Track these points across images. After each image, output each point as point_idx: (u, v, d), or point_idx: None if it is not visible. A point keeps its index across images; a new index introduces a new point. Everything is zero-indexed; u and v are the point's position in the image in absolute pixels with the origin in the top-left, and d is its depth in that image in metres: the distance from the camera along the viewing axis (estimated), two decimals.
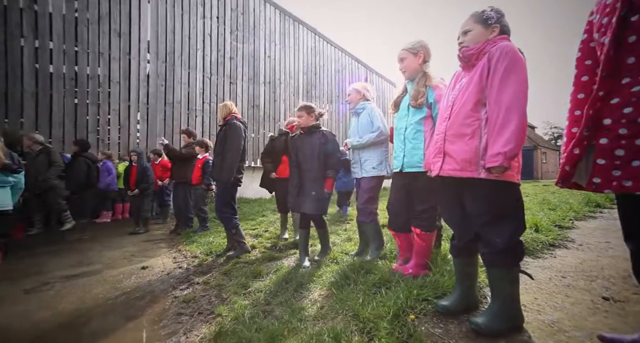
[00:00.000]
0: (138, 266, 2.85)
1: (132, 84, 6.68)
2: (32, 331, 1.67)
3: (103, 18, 6.27)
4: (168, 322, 1.75)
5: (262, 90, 8.85)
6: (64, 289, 2.29)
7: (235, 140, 2.87)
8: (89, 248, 3.57)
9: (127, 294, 2.18)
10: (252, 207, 5.99)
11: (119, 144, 6.62)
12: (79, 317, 1.84)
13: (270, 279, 2.24)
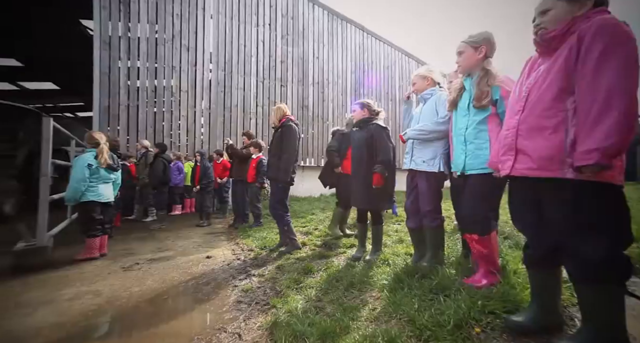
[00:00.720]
0: (203, 255, 3.17)
1: (197, 92, 7.48)
2: (130, 302, 2.00)
3: (175, 36, 7.16)
4: (230, 308, 1.91)
5: (311, 91, 9.05)
6: (149, 270, 2.68)
7: (291, 142, 3.01)
8: (165, 237, 4.11)
9: (196, 279, 2.45)
10: (302, 205, 6.19)
11: (186, 146, 7.48)
12: (161, 294, 2.13)
13: (320, 276, 2.28)
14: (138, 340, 1.54)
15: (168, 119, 7.15)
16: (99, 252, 3.05)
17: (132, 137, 6.71)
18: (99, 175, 3.08)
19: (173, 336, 1.57)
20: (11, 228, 3.26)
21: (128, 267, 2.76)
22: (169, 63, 7.08)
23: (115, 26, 6.51)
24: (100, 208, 3.12)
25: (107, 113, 6.48)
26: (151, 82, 6.91)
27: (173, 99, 7.17)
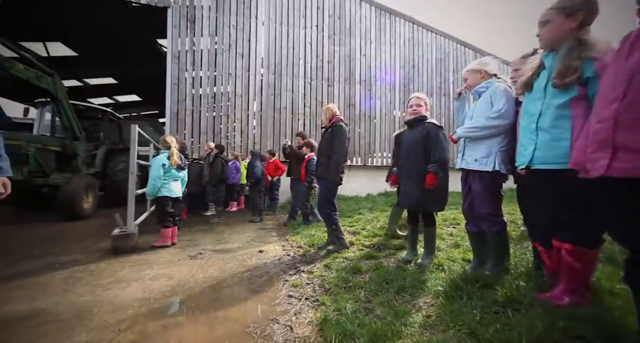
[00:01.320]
0: (256, 249, 3.38)
1: (250, 96, 8.00)
2: (196, 287, 2.24)
3: (232, 45, 7.76)
4: (281, 301, 2.00)
5: (358, 89, 8.94)
6: (210, 259, 2.97)
7: (341, 142, 3.04)
8: (223, 231, 4.50)
9: (250, 271, 2.63)
10: (349, 204, 6.16)
11: (241, 147, 8.05)
12: (220, 282, 2.34)
13: (369, 277, 2.24)
14: (202, 321, 1.72)
15: (225, 122, 7.80)
16: (171, 241, 3.48)
17: (195, 139, 7.50)
18: (170, 174, 3.51)
19: (231, 321, 1.71)
20: (109, 218, 3.92)
21: (193, 255, 3.09)
22: (226, 70, 7.72)
23: (183, 42, 7.34)
24: (172, 202, 3.56)
25: (176, 118, 7.36)
26: (211, 89, 7.63)
27: (229, 103, 7.79)
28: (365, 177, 8.85)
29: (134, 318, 1.72)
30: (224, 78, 7.71)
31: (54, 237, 3.89)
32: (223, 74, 7.68)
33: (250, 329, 1.61)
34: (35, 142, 5.11)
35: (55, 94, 5.39)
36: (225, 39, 7.70)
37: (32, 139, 5.14)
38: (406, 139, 2.59)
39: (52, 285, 2.25)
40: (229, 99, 7.77)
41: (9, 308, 1.85)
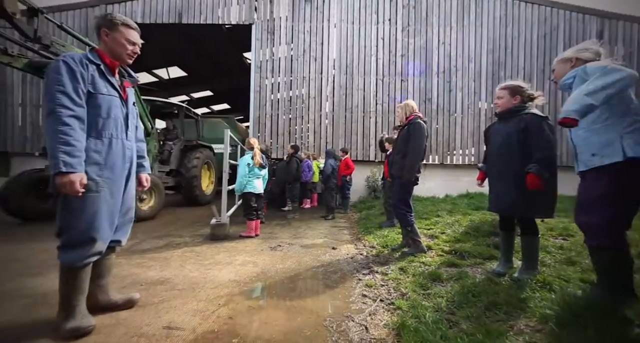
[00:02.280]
0: (329, 246, 3.48)
1: (323, 97, 8.27)
2: (277, 276, 2.46)
3: (306, 50, 8.18)
4: (355, 299, 2.01)
5: (435, 81, 8.21)
6: (288, 252, 3.20)
7: (419, 140, 2.88)
8: (299, 226, 4.79)
9: (325, 267, 2.72)
10: (425, 205, 5.74)
11: (314, 146, 8.42)
12: (297, 274, 2.50)
13: (452, 286, 2.04)
14: (283, 307, 1.86)
15: (299, 123, 8.30)
16: (254, 233, 3.90)
17: (274, 140, 8.22)
18: (254, 172, 3.94)
19: (308, 312, 1.80)
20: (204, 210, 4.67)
21: (274, 247, 3.39)
22: (301, 74, 8.19)
23: (264, 52, 8.14)
24: (255, 197, 3.98)
25: (258, 122, 8.21)
26: (287, 93, 8.22)
27: (303, 105, 8.25)
28: (443, 176, 8.08)
29: (229, 296, 2.00)
30: (299, 82, 8.20)
31: (171, 222, 4.86)
32: (298, 78, 8.18)
33: (327, 323, 1.66)
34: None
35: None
36: (300, 45, 8.17)
37: None
38: (496, 134, 2.23)
39: (172, 260, 2.81)
40: (303, 101, 8.23)
41: (145, 274, 2.40)
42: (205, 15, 8.24)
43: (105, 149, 1.51)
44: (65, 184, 1.31)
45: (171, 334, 1.51)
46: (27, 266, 2.54)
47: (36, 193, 4.55)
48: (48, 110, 1.35)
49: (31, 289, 2.05)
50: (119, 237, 1.69)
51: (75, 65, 1.41)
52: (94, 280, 1.62)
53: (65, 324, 1.44)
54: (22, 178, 4.46)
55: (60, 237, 1.45)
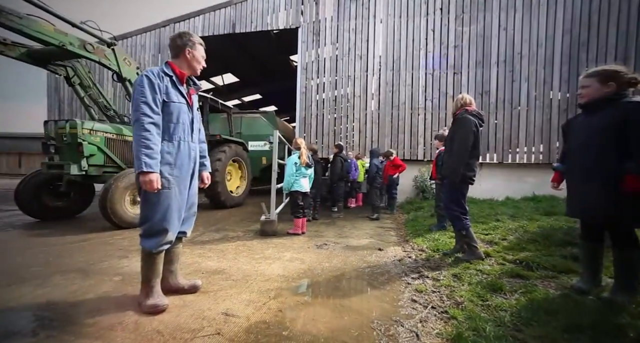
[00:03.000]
0: (376, 247, 3.41)
1: (368, 95, 8.13)
2: (323, 274, 2.50)
3: (351, 49, 8.13)
4: (404, 304, 1.93)
5: (494, 72, 7.44)
6: (334, 251, 3.23)
7: (463, 136, 2.66)
8: (344, 225, 4.79)
9: (371, 268, 2.67)
10: (482, 208, 5.24)
11: (359, 145, 8.32)
12: (343, 273, 2.51)
13: (517, 300, 1.83)
14: (330, 305, 1.88)
15: (344, 122, 8.28)
16: (301, 230, 4.02)
17: (319, 140, 8.35)
18: (300, 171, 4.05)
19: (355, 312, 1.79)
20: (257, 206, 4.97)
21: (320, 245, 3.45)
22: (346, 74, 8.16)
23: (310, 54, 8.32)
24: (302, 196, 4.10)
25: (304, 122, 8.43)
26: (332, 93, 8.27)
27: (349, 104, 8.21)
28: (504, 176, 7.29)
29: (278, 290, 2.10)
30: (344, 81, 8.19)
31: (225, 218, 5.28)
32: (343, 78, 8.18)
33: (374, 325, 1.63)
34: (102, 131, 4.31)
35: (119, 71, 4.39)
36: (345, 44, 8.15)
37: (99, 127, 4.31)
38: (581, 128, 1.90)
39: (227, 252, 3.06)
40: (348, 100, 8.20)
41: (205, 263, 2.66)
42: (256, 24, 8.75)
43: (175, 150, 1.73)
44: (146, 182, 1.55)
45: (228, 320, 1.65)
46: (115, 249, 3.01)
47: (48, 193, 4.41)
48: (134, 118, 1.60)
49: (120, 269, 2.43)
50: (184, 229, 1.90)
51: (154, 78, 1.64)
52: (166, 266, 1.85)
53: (146, 301, 1.68)
54: (33, 178, 4.31)
55: (141, 227, 1.69)
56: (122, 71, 4.46)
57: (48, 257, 2.71)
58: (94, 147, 4.18)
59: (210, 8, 9.11)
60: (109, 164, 4.40)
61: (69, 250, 2.98)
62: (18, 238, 3.49)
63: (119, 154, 4.50)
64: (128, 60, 4.55)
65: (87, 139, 4.10)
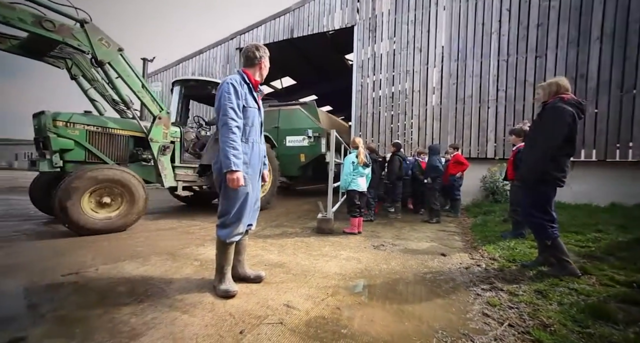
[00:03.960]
0: (438, 252, 3.16)
1: (429, 90, 7.59)
2: (380, 275, 2.43)
3: (409, 42, 7.71)
4: (473, 316, 1.74)
5: (595, 50, 6.13)
6: (392, 253, 3.11)
7: (554, 128, 2.26)
8: (402, 227, 4.58)
9: (433, 273, 2.49)
10: (574, 216, 4.40)
11: (418, 143, 7.84)
12: (402, 277, 2.39)
13: (636, 335, 1.47)
14: (389, 309, 1.82)
15: (402, 119, 7.91)
16: (357, 230, 3.99)
17: (375, 138, 8.15)
18: (357, 171, 4.01)
19: (416, 319, 1.69)
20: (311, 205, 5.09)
21: (377, 246, 3.37)
22: (404, 68, 7.78)
23: (366, 51, 8.18)
24: (358, 195, 4.06)
25: (359, 121, 8.34)
26: (389, 90, 7.98)
27: (407, 100, 7.81)
28: (606, 178, 5.98)
29: (336, 288, 2.12)
30: (402, 76, 7.82)
31: (283, 214, 5.57)
32: (401, 73, 7.82)
33: (439, 335, 1.52)
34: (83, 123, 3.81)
35: (92, 53, 3.57)
36: (403, 38, 7.78)
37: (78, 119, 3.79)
38: None
39: (286, 247, 3.22)
40: (406, 96, 7.81)
41: (267, 256, 2.85)
42: (312, 26, 8.99)
43: (250, 151, 1.91)
44: (234, 179, 1.72)
45: (290, 312, 1.73)
46: (194, 238, 3.46)
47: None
48: (222, 122, 1.76)
49: (199, 255, 2.79)
50: (251, 222, 2.07)
51: (238, 86, 1.82)
52: (235, 256, 2.04)
53: (219, 286, 1.89)
54: (44, 175, 4.01)
55: (219, 219, 1.90)
56: (97, 53, 3.56)
57: (147, 241, 3.27)
58: (70, 141, 3.68)
59: (271, 17, 9.73)
60: (93, 159, 3.88)
61: (161, 236, 3.54)
62: None
63: (104, 149, 3.99)
64: (106, 41, 3.66)
65: (62, 132, 3.62)
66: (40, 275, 2.18)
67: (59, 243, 3.07)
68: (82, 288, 1.97)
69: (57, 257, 2.62)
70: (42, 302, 1.78)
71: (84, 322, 1.54)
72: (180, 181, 4.50)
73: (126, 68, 3.82)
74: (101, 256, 2.66)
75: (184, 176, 4.57)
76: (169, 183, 4.33)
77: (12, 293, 1.89)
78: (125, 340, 1.39)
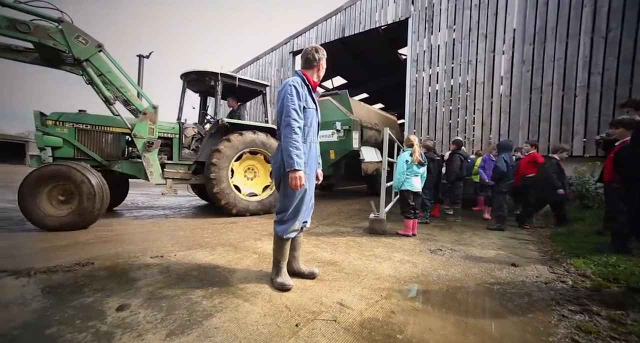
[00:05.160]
0: (507, 261, 2.81)
1: (495, 80, 6.78)
2: (438, 283, 2.27)
3: (472, 28, 7.00)
4: (558, 340, 1.49)
5: None
6: (451, 258, 2.88)
7: None
8: (463, 231, 4.20)
9: (502, 286, 2.22)
10: None
11: (481, 140, 7.08)
12: (464, 285, 2.18)
13: None
14: (451, 321, 1.67)
15: (462, 115, 7.24)
16: (411, 231, 3.79)
17: (431, 135, 7.63)
18: (412, 170, 3.81)
19: (482, 333, 1.52)
20: None
21: (434, 250, 3.15)
22: (465, 59, 7.10)
23: (421, 43, 7.72)
24: (412, 195, 3.85)
25: (413, 118, 7.92)
26: (448, 83, 7.38)
27: (468, 93, 7.12)
28: None
29: (389, 291, 2.05)
30: (462, 68, 7.16)
31: (335, 213, 5.60)
32: (461, 64, 7.16)
33: None
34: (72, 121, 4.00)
35: (69, 51, 3.60)
36: (465, 25, 7.11)
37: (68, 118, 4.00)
38: None
39: (338, 246, 3.23)
40: (467, 89, 7.12)
41: (320, 254, 2.90)
42: (364, 24, 8.85)
43: (307, 150, 1.97)
44: (296, 178, 1.79)
45: (343, 310, 1.73)
46: (253, 232, 3.72)
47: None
48: (285, 123, 1.83)
49: (257, 248, 2.99)
50: (306, 219, 2.13)
51: (299, 87, 1.89)
52: (290, 251, 2.13)
53: (276, 279, 2.00)
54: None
55: (277, 215, 2.01)
56: (74, 51, 3.57)
57: (213, 233, 3.64)
58: (59, 139, 3.85)
59: (322, 18, 9.89)
60: (81, 156, 4.01)
61: (225, 228, 3.90)
62: (195, 216, 4.85)
63: (94, 146, 4.10)
64: (83, 39, 3.66)
65: (51, 130, 3.82)
66: (134, 256, 2.61)
67: (147, 231, 3.63)
68: (166, 270, 2.29)
69: (146, 242, 3.10)
70: (139, 277, 2.13)
71: (169, 299, 1.79)
72: (169, 178, 4.38)
73: (106, 64, 3.85)
74: (178, 244, 3.06)
75: (173, 173, 4.44)
76: (155, 180, 4.20)
77: (117, 269, 2.30)
78: (199, 319, 1.57)
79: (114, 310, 1.64)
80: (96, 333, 1.43)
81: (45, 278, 2.08)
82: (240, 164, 4.85)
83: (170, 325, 1.51)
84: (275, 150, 2.04)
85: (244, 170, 4.96)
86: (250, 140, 4.71)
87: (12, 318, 1.54)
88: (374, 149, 7.62)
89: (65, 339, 1.37)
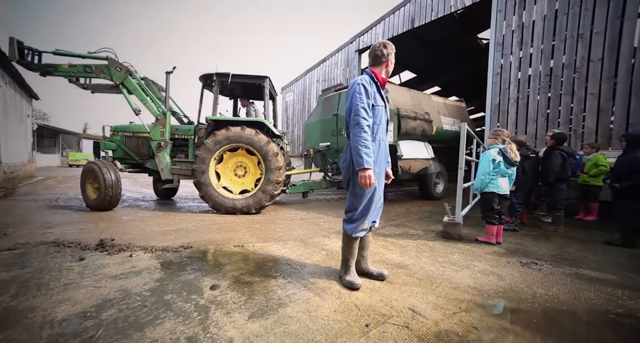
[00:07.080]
0: (638, 287, 2.18)
1: (622, 54, 5.32)
2: (534, 303, 1.93)
3: None
4: None
5: None
6: (551, 275, 2.40)
7: None
8: (565, 243, 3.46)
9: (635, 318, 1.73)
10: None
11: (595, 132, 5.69)
12: (574, 311, 1.79)
13: None
14: None
15: (566, 103, 5.95)
16: (495, 239, 3.32)
17: (519, 129, 6.52)
18: (499, 169, 3.33)
19: None
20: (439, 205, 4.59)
21: (526, 263, 2.68)
22: (571, 33, 5.81)
23: (509, 23, 6.65)
24: (498, 199, 3.36)
25: (497, 110, 6.90)
26: (545, 65, 6.17)
27: (575, 75, 5.80)
28: None
29: (470, 303, 1.83)
30: (568, 44, 5.87)
31: (403, 214, 5.33)
32: (566, 40, 5.88)
33: None
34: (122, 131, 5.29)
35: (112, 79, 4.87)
36: None
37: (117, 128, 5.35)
38: None
39: (408, 248, 3.07)
40: (575, 71, 5.81)
41: (388, 255, 2.80)
42: (437, 11, 8.14)
43: (377, 149, 1.93)
44: (366, 177, 1.76)
45: (416, 317, 1.64)
46: (320, 229, 3.85)
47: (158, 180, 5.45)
48: (354, 122, 1.81)
49: (325, 245, 3.09)
50: (375, 219, 2.09)
51: (368, 85, 1.87)
52: (359, 251, 2.12)
53: (345, 277, 2.02)
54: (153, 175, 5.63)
55: (347, 214, 2.02)
56: (114, 78, 4.87)
57: (285, 228, 3.92)
58: (114, 144, 5.26)
59: (390, 11, 9.51)
60: (127, 157, 5.34)
61: (296, 224, 4.15)
62: (268, 213, 5.30)
63: (135, 149, 5.28)
64: (119, 68, 4.88)
65: (112, 138, 5.31)
66: (221, 244, 3.01)
67: (230, 222, 4.14)
68: (246, 259, 2.57)
69: (230, 232, 3.55)
70: (225, 262, 2.45)
71: (249, 285, 2.01)
72: (175, 175, 4.99)
73: (133, 83, 4.95)
74: (255, 236, 3.39)
75: (185, 171, 4.96)
76: (165, 176, 4.97)
77: (209, 254, 2.70)
78: (275, 306, 1.71)
79: (208, 288, 1.93)
80: (197, 305, 1.71)
81: (161, 255, 2.59)
82: (225, 164, 4.90)
83: (252, 307, 1.69)
84: (344, 149, 2.04)
85: (234, 168, 4.98)
86: (240, 135, 4.60)
87: (145, 283, 1.98)
88: (422, 144, 6.87)
89: (177, 306, 1.69)
